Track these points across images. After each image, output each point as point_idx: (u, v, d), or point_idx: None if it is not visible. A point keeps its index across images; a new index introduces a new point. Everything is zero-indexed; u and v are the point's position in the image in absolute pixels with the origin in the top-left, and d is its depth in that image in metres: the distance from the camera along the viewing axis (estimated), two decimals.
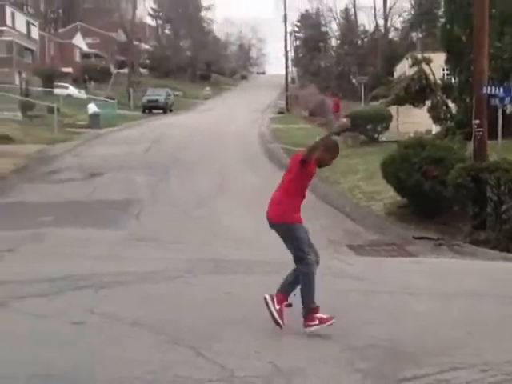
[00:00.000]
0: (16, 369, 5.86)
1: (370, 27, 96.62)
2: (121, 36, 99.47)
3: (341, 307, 8.15)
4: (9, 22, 71.06)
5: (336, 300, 8.54)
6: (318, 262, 7.39)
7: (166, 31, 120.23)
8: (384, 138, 32.23)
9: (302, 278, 7.22)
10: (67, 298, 8.35)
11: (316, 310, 7.12)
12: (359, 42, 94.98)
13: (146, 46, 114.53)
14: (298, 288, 7.25)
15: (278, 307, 7.14)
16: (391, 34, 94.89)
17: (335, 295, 8.80)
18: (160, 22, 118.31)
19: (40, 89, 62.52)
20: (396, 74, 50.35)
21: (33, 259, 11.07)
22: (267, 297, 7.22)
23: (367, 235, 14.58)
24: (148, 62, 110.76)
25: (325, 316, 7.05)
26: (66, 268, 10.06)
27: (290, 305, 7.27)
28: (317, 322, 7.03)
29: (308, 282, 7.17)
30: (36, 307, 7.88)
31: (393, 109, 34.48)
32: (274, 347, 6.58)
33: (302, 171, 7.59)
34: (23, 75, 68.58)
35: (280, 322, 7.05)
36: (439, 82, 29.07)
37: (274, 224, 7.50)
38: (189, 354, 6.33)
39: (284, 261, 11.19)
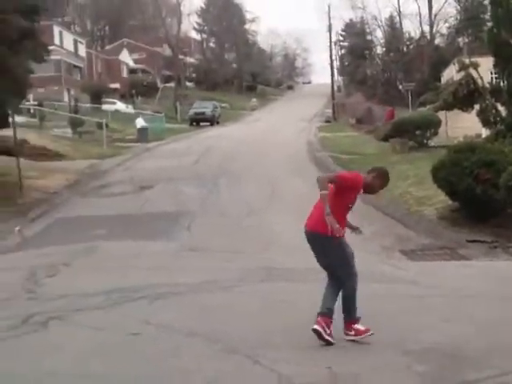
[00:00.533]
0: (77, 381, 5.92)
1: (416, 34, 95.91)
2: (166, 51, 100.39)
3: (396, 312, 8.10)
4: (57, 40, 72.17)
5: (391, 305, 8.50)
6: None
7: (211, 44, 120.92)
8: (433, 144, 31.96)
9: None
10: (123, 310, 8.41)
11: (356, 321, 7.08)
12: (405, 48, 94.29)
13: (192, 60, 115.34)
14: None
15: (329, 331, 6.89)
16: (437, 40, 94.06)
17: (390, 300, 8.75)
18: (205, 35, 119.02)
19: (88, 105, 63.42)
20: (443, 80, 49.87)
21: (87, 272, 11.20)
22: (317, 328, 6.86)
23: (419, 240, 14.46)
24: (194, 75, 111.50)
25: (362, 328, 6.98)
26: (120, 280, 10.15)
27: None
28: (353, 332, 6.97)
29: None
30: (93, 320, 7.96)
31: (441, 114, 34.12)
32: (330, 353, 6.54)
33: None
34: (72, 92, 69.62)
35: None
36: (487, 85, 28.72)
37: None
38: (245, 362, 6.32)
39: None
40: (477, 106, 28.52)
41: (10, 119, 22.83)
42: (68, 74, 74.09)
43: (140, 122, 45.22)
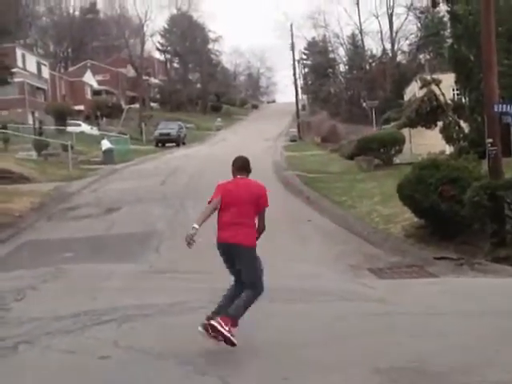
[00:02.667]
0: None
1: (378, 51, 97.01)
2: (130, 71, 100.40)
3: (366, 330, 8.16)
4: (20, 63, 71.77)
5: (361, 323, 8.55)
6: None
7: (175, 65, 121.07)
8: (398, 161, 32.28)
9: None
10: (92, 333, 8.37)
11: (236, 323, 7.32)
12: (367, 66, 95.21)
13: (156, 81, 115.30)
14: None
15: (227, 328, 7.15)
16: (399, 57, 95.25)
17: (359, 318, 8.81)
18: (168, 56, 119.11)
19: (53, 127, 62.97)
20: (406, 97, 50.41)
21: (56, 296, 11.12)
22: (214, 323, 7.17)
23: (387, 258, 14.57)
24: (158, 96, 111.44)
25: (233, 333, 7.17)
26: (88, 303, 10.10)
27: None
28: (227, 328, 7.13)
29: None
30: (63, 343, 7.92)
31: (405, 131, 34.53)
32: (302, 373, 6.57)
33: None
34: (36, 114, 69.18)
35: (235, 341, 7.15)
36: (450, 102, 29.14)
37: None
38: (216, 383, 6.33)
39: (305, 288, 11.23)
40: (440, 123, 28.93)
41: None
42: (32, 96, 73.65)
43: (105, 144, 45.06)
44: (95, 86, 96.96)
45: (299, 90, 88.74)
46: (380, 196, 21.28)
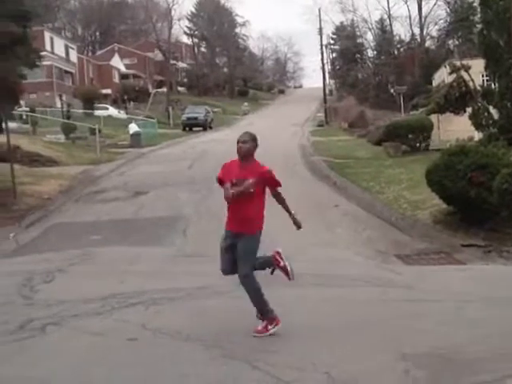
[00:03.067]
0: None
1: (406, 36, 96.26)
2: (158, 56, 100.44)
3: (393, 316, 8.14)
4: (48, 46, 72.13)
5: (388, 309, 8.53)
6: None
7: (202, 49, 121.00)
8: (426, 147, 32.03)
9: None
10: (120, 316, 8.41)
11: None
12: (396, 51, 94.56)
13: (183, 65, 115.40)
14: None
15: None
16: (428, 43, 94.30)
17: (386, 305, 8.79)
18: (196, 40, 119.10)
19: (81, 111, 63.36)
20: (435, 83, 49.90)
21: (84, 278, 11.20)
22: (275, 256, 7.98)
23: (415, 244, 14.47)
24: (186, 80, 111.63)
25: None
26: (116, 286, 10.16)
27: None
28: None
29: None
30: (91, 325, 7.97)
31: (433, 117, 34.23)
32: (329, 358, 6.56)
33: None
34: (64, 98, 69.57)
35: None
36: (479, 88, 28.82)
37: None
38: (244, 367, 6.34)
39: (333, 273, 11.22)
40: (469, 109, 28.61)
41: (3, 125, 22.78)
42: (60, 79, 74.03)
43: (133, 128, 45.21)
44: (123, 69, 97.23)
45: (326, 75, 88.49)
46: (408, 182, 21.15)
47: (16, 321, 8.17)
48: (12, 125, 31.32)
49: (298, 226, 8.05)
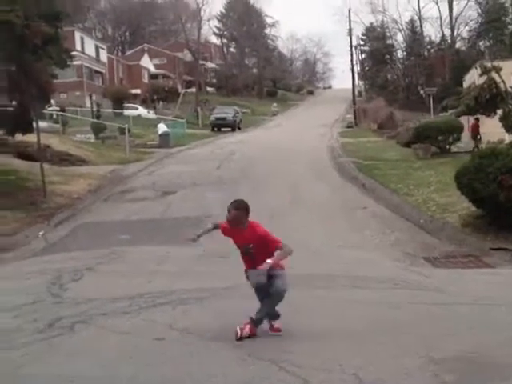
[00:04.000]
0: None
1: (437, 38, 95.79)
2: (187, 56, 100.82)
3: (421, 319, 8.09)
4: (78, 46, 72.73)
5: (416, 312, 8.48)
6: None
7: (232, 49, 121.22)
8: (456, 149, 31.83)
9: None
10: (147, 315, 8.44)
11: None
12: (426, 53, 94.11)
13: (213, 65, 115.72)
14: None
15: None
16: (458, 44, 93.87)
17: (415, 307, 8.74)
18: (225, 40, 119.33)
19: (110, 110, 63.74)
20: (465, 84, 49.56)
21: (112, 277, 11.27)
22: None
23: (443, 247, 14.39)
24: (215, 80, 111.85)
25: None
26: (144, 285, 10.20)
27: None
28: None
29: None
30: (119, 324, 8.01)
31: (463, 119, 34.02)
32: (356, 360, 6.53)
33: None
34: (94, 98, 70.03)
35: None
36: (510, 89, 28.57)
37: None
38: (270, 367, 6.33)
39: (361, 275, 11.18)
40: (499, 111, 28.39)
41: (34, 124, 22.97)
42: (90, 79, 74.62)
43: (162, 128, 45.37)
44: (152, 69, 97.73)
45: (356, 76, 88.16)
46: (437, 184, 21.03)
47: (45, 319, 8.23)
48: (42, 124, 31.57)
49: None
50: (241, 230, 7.78)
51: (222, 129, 62.45)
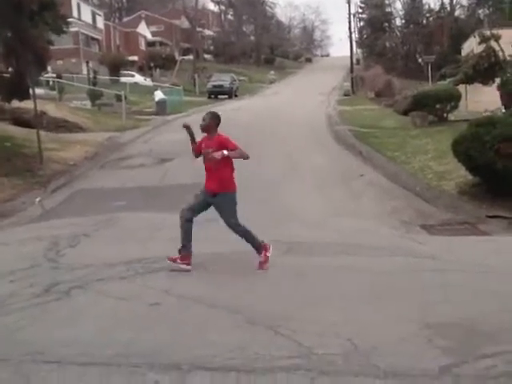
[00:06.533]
0: (100, 349, 5.99)
1: (436, 5, 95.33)
2: (184, 23, 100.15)
3: (416, 286, 8.13)
4: (75, 13, 72.14)
5: (411, 279, 8.53)
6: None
7: (229, 16, 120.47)
8: (453, 118, 31.74)
9: None
10: (144, 281, 8.48)
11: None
12: (425, 21, 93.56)
13: (210, 32, 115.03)
14: None
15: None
16: (457, 12, 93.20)
17: (410, 274, 8.78)
18: (223, 7, 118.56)
19: (107, 77, 63.44)
20: (464, 52, 49.31)
21: (108, 243, 11.29)
22: None
23: (439, 215, 14.39)
24: (212, 48, 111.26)
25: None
26: (140, 251, 10.23)
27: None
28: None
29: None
30: (115, 289, 8.05)
31: (461, 87, 33.89)
32: (352, 326, 6.57)
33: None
34: (90, 65, 69.66)
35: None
36: (509, 58, 28.45)
37: None
38: (267, 333, 6.37)
39: (357, 243, 11.21)
40: (498, 80, 28.31)
41: (30, 91, 22.86)
42: (86, 46, 74.18)
43: (158, 95, 45.19)
44: (149, 36, 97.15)
45: (354, 44, 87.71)
46: (434, 152, 21.01)
47: (41, 284, 8.27)
48: (39, 91, 31.44)
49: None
50: (209, 138, 9.24)
51: (219, 96, 62.23)
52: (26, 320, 6.91)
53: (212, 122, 9.31)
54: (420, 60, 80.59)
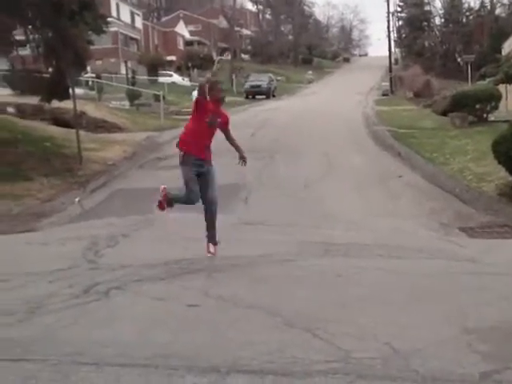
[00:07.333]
0: (139, 349, 6.01)
1: (476, 4, 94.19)
2: (222, 23, 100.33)
3: (455, 289, 8.04)
4: (114, 12, 72.73)
5: (450, 282, 8.44)
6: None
7: (267, 16, 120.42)
8: (493, 118, 31.41)
9: None
10: (182, 281, 8.49)
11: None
12: (464, 19, 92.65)
13: (248, 32, 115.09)
14: None
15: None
16: (498, 10, 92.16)
17: (449, 277, 8.69)
18: (261, 7, 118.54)
19: (145, 77, 63.83)
20: (504, 52, 48.90)
21: (147, 243, 11.36)
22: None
23: (479, 217, 14.25)
24: (250, 47, 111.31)
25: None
26: (179, 252, 10.26)
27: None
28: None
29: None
30: (153, 290, 8.06)
31: (501, 87, 33.53)
32: (390, 329, 6.51)
33: (199, 109, 9.82)
34: (129, 64, 70.15)
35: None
36: None
37: None
38: (304, 335, 6.33)
39: (396, 245, 11.14)
40: None
41: (70, 91, 23.07)
42: (125, 46, 74.74)
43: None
44: (187, 36, 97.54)
45: (392, 44, 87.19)
46: (473, 153, 20.80)
47: (80, 285, 8.32)
48: (78, 91, 31.74)
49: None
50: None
51: (257, 96, 62.26)
52: (65, 320, 6.95)
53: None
54: (459, 59, 79.88)
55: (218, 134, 10.00)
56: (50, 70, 23.80)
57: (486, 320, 6.78)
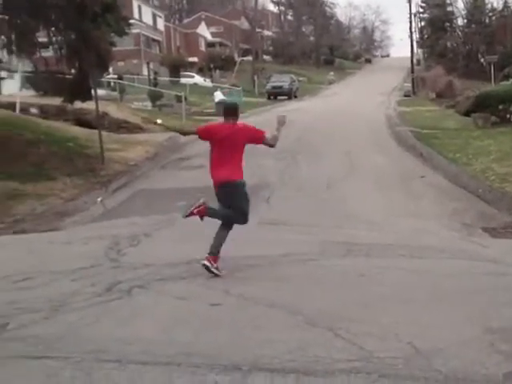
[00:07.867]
0: (161, 347, 6.04)
1: (499, 4, 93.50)
2: (244, 24, 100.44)
3: (478, 289, 8.00)
4: (136, 14, 73.05)
5: (473, 282, 8.41)
6: None
7: (289, 17, 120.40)
8: None
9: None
10: (204, 281, 8.52)
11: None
12: (487, 20, 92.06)
13: (269, 33, 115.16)
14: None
15: (215, 265, 8.67)
16: None
17: (471, 277, 8.67)
18: (282, 8, 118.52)
19: (167, 78, 64.03)
20: None
21: (169, 243, 11.40)
22: (205, 263, 8.66)
23: (502, 217, 14.12)
24: (271, 48, 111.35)
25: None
26: (200, 251, 10.25)
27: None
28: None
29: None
30: (175, 289, 8.11)
31: None
32: (412, 329, 6.49)
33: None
34: (151, 66, 70.40)
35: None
36: None
37: None
38: (326, 334, 6.33)
39: (418, 245, 11.10)
40: None
41: (92, 92, 23.19)
42: (147, 47, 75.01)
43: (218, 96, 45.38)
44: (209, 37, 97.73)
45: (414, 44, 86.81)
46: (496, 154, 20.65)
47: (103, 283, 8.37)
48: (100, 92, 31.87)
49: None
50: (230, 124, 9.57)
51: (279, 97, 62.27)
52: (88, 318, 7.00)
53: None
54: (482, 60, 79.39)
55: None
56: (73, 71, 23.91)
57: (508, 320, 6.74)
